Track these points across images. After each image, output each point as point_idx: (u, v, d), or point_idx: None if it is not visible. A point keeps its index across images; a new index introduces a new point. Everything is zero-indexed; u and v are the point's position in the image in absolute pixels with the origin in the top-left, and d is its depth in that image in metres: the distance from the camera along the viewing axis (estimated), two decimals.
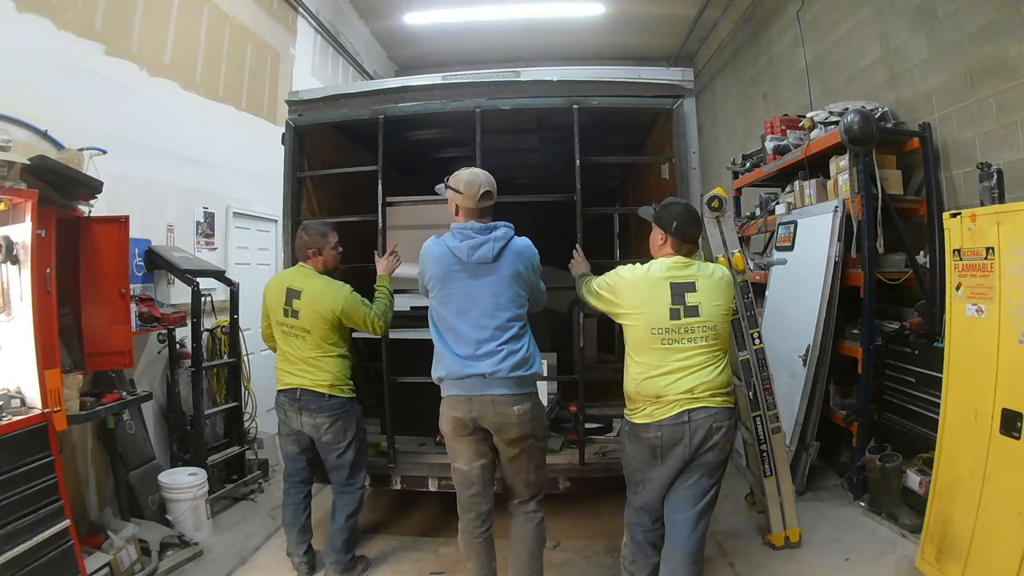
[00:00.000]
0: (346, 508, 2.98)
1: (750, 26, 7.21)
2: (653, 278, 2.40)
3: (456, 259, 2.48)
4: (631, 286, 2.43)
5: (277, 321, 2.95)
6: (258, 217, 5.24)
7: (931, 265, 3.74)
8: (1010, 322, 2.40)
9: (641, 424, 2.38)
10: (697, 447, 2.32)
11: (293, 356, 2.92)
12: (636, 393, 2.40)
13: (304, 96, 3.46)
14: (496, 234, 2.50)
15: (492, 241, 2.48)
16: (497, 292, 2.48)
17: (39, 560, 2.33)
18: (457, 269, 2.48)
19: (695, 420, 2.31)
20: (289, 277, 2.98)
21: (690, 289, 2.37)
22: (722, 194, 3.26)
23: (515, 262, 2.51)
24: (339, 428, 2.91)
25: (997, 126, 3.44)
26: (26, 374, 2.49)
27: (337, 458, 2.94)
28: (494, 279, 2.48)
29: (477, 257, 2.47)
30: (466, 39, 8.07)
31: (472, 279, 2.48)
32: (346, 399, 2.94)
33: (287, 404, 2.92)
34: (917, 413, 3.45)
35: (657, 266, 2.43)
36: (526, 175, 5.28)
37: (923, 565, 2.78)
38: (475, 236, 2.48)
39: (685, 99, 3.18)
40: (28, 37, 3.03)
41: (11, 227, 2.55)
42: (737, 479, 4.14)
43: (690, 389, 2.33)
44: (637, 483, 2.47)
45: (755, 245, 5.77)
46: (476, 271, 2.48)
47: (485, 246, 2.48)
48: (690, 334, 2.35)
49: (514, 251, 2.52)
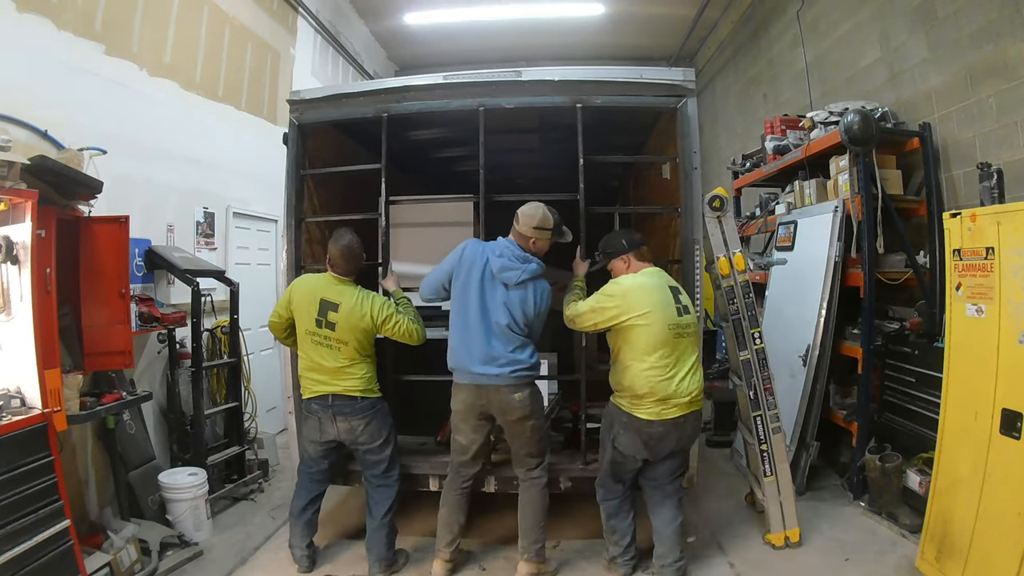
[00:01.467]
0: (384, 503, 3.05)
1: (750, 26, 7.21)
2: (655, 283, 2.75)
3: (487, 267, 2.83)
4: (640, 289, 2.74)
5: (307, 330, 2.97)
6: (258, 217, 5.24)
7: (931, 265, 3.74)
8: (1010, 322, 2.40)
9: (645, 420, 2.73)
10: (681, 442, 2.82)
11: (325, 366, 2.95)
12: (648, 392, 2.70)
13: (305, 96, 3.45)
14: (527, 267, 2.83)
15: (521, 271, 2.81)
16: (512, 309, 2.82)
17: (39, 560, 2.32)
18: (487, 276, 2.83)
19: (688, 423, 2.78)
20: (323, 287, 2.98)
21: (678, 291, 2.81)
22: (723, 194, 3.27)
23: (527, 299, 2.84)
24: (374, 427, 3.00)
25: (997, 126, 3.44)
26: (26, 374, 2.49)
27: (375, 455, 3.03)
28: (512, 302, 2.82)
29: (504, 277, 2.82)
30: (466, 39, 8.07)
31: (494, 291, 2.82)
32: (376, 399, 3.02)
33: (320, 411, 2.98)
34: (917, 413, 3.45)
35: (647, 274, 2.82)
36: (527, 175, 5.29)
37: (923, 565, 2.78)
38: (512, 262, 2.82)
39: (688, 99, 3.18)
40: (28, 37, 3.03)
41: (11, 227, 2.54)
42: (737, 479, 4.14)
43: (691, 392, 2.73)
44: (616, 462, 2.88)
45: (755, 245, 5.77)
46: (499, 286, 2.82)
47: (513, 272, 2.82)
48: (687, 329, 2.77)
49: (533, 290, 2.85)
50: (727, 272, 3.24)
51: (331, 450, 3.08)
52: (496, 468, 3.23)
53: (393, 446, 3.10)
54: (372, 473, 3.07)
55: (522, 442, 2.91)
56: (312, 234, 3.65)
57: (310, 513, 3.10)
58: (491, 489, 3.21)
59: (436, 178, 5.11)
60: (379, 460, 3.04)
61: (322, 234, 3.90)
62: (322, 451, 3.07)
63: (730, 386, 3.44)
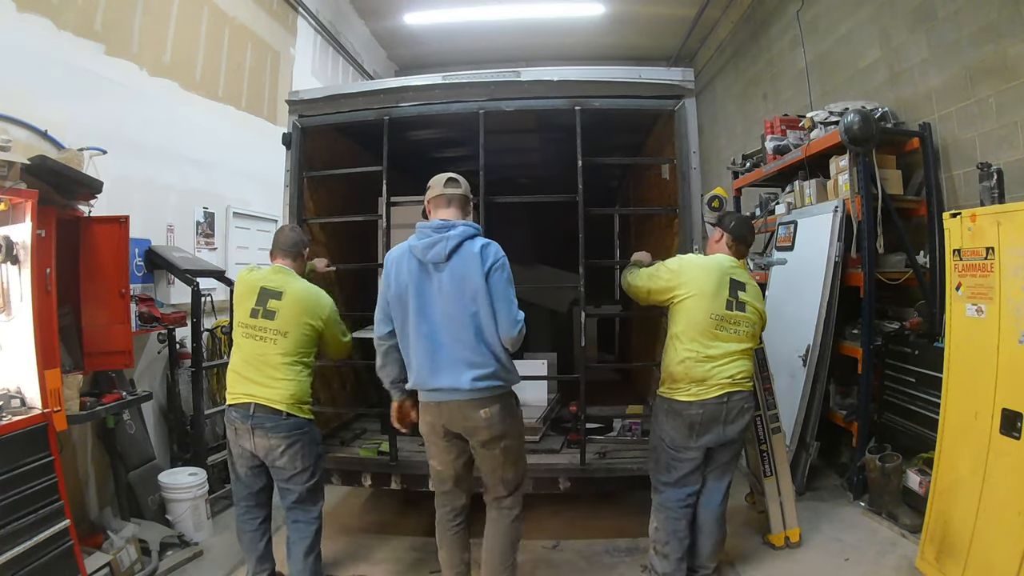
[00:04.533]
0: (302, 542, 2.65)
1: (750, 26, 7.21)
2: (722, 268, 2.70)
3: (416, 260, 2.37)
4: (700, 268, 2.68)
5: (240, 322, 2.67)
6: (258, 217, 5.23)
7: (931, 265, 3.74)
8: (1010, 322, 2.40)
9: (684, 402, 2.63)
10: (730, 424, 2.63)
11: (255, 360, 2.61)
12: (683, 375, 2.63)
13: (305, 96, 3.46)
14: (451, 232, 2.34)
15: (445, 240, 2.32)
16: (453, 298, 2.33)
17: (39, 560, 2.33)
18: (416, 270, 2.37)
19: (732, 401, 2.63)
20: (264, 276, 2.72)
21: (742, 288, 2.69)
22: (723, 194, 3.26)
23: (467, 265, 2.32)
24: (295, 453, 2.59)
25: (997, 126, 3.44)
26: (26, 374, 2.49)
27: (293, 484, 2.63)
28: (449, 283, 2.33)
29: (431, 257, 2.34)
30: (466, 39, 8.07)
31: (428, 282, 2.36)
32: (305, 420, 2.64)
33: (238, 421, 2.59)
34: (917, 413, 3.45)
35: (721, 260, 2.72)
36: (526, 175, 5.29)
37: (923, 565, 2.78)
38: (432, 234, 2.35)
39: (686, 99, 3.18)
40: (28, 37, 3.03)
41: (11, 227, 2.55)
42: (737, 479, 4.13)
43: (731, 376, 2.63)
44: (671, 459, 2.69)
45: (755, 245, 5.77)
46: (433, 273, 2.35)
47: (438, 245, 2.33)
48: (736, 326, 2.65)
49: (469, 253, 2.33)
50: None
51: (259, 467, 2.66)
52: None
53: (317, 479, 2.70)
54: (285, 503, 2.66)
55: (493, 466, 2.45)
56: (312, 234, 3.65)
57: (261, 546, 2.72)
58: None
59: None
60: (291, 489, 2.63)
61: (323, 234, 3.91)
62: (249, 470, 2.67)
63: None
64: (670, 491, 2.71)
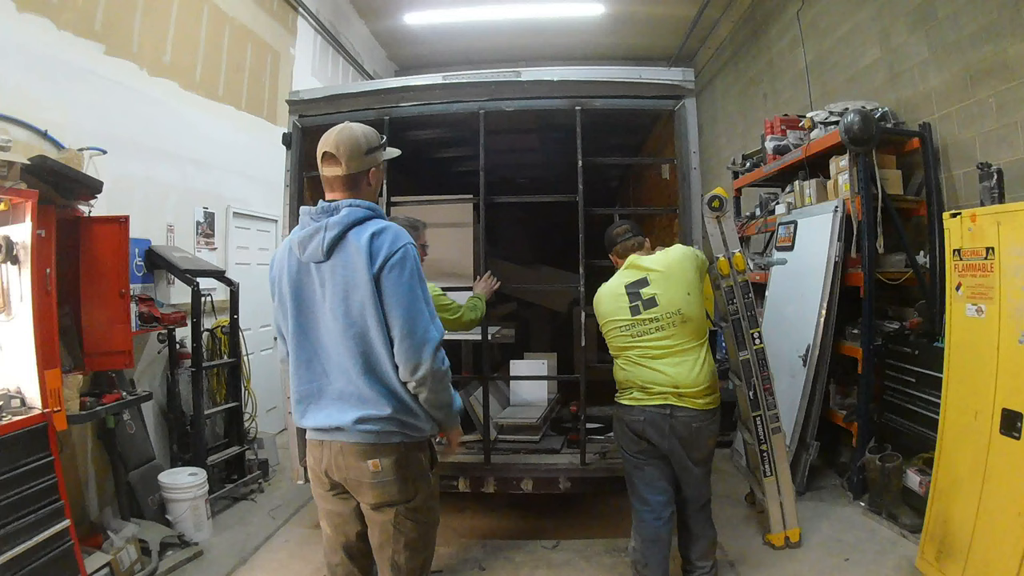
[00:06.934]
0: None
1: (750, 26, 7.21)
2: (615, 291, 2.70)
3: (296, 259, 1.79)
4: (599, 300, 2.75)
5: None
6: (258, 217, 5.23)
7: (931, 265, 3.74)
8: (1010, 322, 2.40)
9: (626, 406, 2.66)
10: (683, 446, 2.58)
11: None
12: (626, 379, 2.67)
13: (305, 96, 3.45)
14: (331, 219, 1.73)
15: (324, 230, 1.72)
16: (334, 312, 1.72)
17: (39, 560, 2.33)
18: (295, 273, 1.80)
19: (678, 418, 2.56)
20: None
21: (643, 285, 2.63)
22: (723, 194, 3.26)
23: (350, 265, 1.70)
24: None
25: (997, 126, 3.44)
26: (26, 374, 2.49)
27: None
28: (331, 290, 1.73)
29: (308, 254, 1.75)
30: (466, 39, 8.07)
31: (309, 288, 1.78)
32: None
33: None
34: (917, 413, 3.45)
35: (617, 278, 2.75)
36: (526, 175, 5.29)
37: (923, 565, 2.78)
38: (310, 222, 1.78)
39: (686, 99, 3.18)
40: (28, 37, 3.03)
41: (11, 227, 2.55)
42: (737, 479, 4.13)
43: (676, 384, 2.55)
44: (632, 467, 2.70)
45: (755, 245, 5.77)
46: (315, 275, 1.76)
47: (316, 238, 1.73)
48: (656, 323, 2.59)
49: (353, 246, 1.70)
50: (727, 272, 3.23)
51: None
52: (495, 468, 3.20)
53: None
54: None
55: (380, 542, 1.79)
56: None
57: None
58: (491, 489, 3.21)
59: (436, 178, 5.11)
60: None
61: None
62: None
63: (730, 386, 3.42)
64: (638, 503, 2.71)
